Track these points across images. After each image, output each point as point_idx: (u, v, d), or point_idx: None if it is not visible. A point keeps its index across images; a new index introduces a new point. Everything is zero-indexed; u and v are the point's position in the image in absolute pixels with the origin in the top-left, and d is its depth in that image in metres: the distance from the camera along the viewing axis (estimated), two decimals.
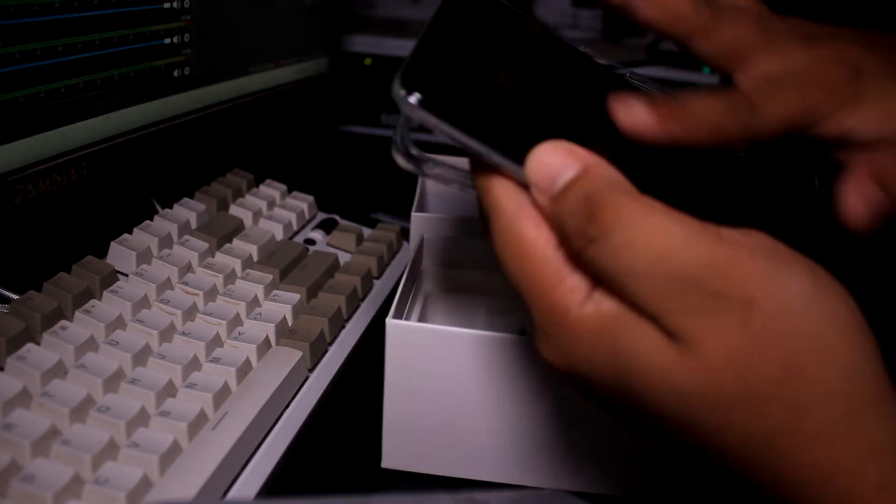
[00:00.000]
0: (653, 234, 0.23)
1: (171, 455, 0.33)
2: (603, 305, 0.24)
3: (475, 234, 0.47)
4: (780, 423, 0.23)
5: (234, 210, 0.54)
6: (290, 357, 0.41)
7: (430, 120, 0.25)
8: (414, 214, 0.48)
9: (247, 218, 0.54)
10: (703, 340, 0.23)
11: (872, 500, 0.22)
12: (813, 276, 0.23)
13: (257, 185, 0.59)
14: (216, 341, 0.40)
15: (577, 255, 0.24)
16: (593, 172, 0.24)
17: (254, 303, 0.45)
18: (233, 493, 0.34)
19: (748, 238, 0.24)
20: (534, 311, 0.26)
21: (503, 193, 0.26)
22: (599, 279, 0.24)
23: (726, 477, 0.25)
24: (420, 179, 0.54)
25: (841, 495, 0.23)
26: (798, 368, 0.23)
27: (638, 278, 0.23)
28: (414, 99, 0.25)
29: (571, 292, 0.25)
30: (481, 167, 0.26)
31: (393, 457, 0.39)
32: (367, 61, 0.89)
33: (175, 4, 0.52)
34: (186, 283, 0.44)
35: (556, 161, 0.25)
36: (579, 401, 0.36)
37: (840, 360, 0.23)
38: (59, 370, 0.35)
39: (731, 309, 0.22)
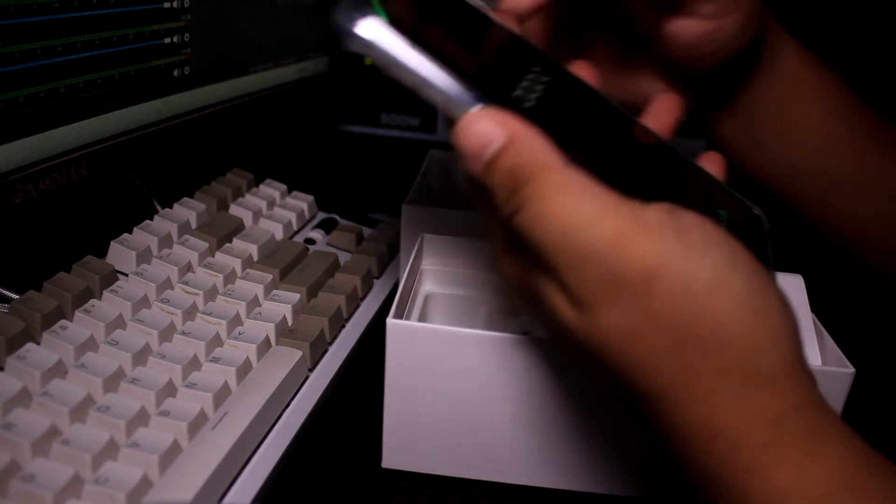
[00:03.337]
0: (563, 208, 0.24)
1: (170, 455, 0.33)
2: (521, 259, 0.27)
3: (473, 230, 0.47)
4: (668, 385, 0.25)
5: (234, 210, 0.54)
6: (290, 357, 0.41)
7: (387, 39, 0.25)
8: (405, 206, 0.48)
9: (247, 218, 0.54)
10: (598, 310, 0.24)
11: (755, 456, 0.24)
12: (730, 258, 0.25)
13: (257, 185, 0.59)
14: (216, 341, 0.40)
15: (506, 220, 0.26)
16: (518, 142, 0.25)
17: (254, 302, 0.45)
18: (232, 494, 0.34)
19: (671, 215, 0.25)
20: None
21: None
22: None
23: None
24: (422, 171, 0.54)
25: (727, 450, 0.24)
26: (692, 343, 0.24)
27: (546, 248, 0.25)
28: (370, 18, 0.25)
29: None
30: None
31: (393, 457, 0.39)
32: (367, 61, 0.89)
33: (175, 4, 0.52)
34: (186, 283, 0.44)
35: (484, 131, 0.25)
36: (579, 401, 0.37)
37: (738, 342, 0.24)
38: (59, 370, 0.35)
39: (630, 284, 0.24)
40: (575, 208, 0.24)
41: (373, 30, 0.25)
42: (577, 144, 0.27)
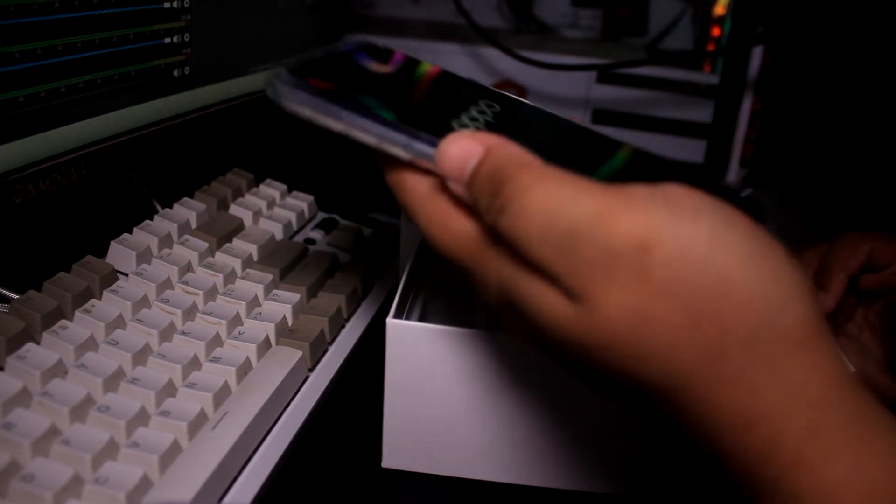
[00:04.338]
0: (543, 195, 0.23)
1: (171, 455, 0.33)
2: (505, 270, 0.25)
3: None
4: (692, 370, 0.22)
5: (234, 210, 0.54)
6: (290, 357, 0.41)
7: (328, 105, 0.26)
8: None
9: (247, 217, 0.54)
10: (596, 297, 0.23)
11: (801, 448, 0.22)
12: (723, 218, 0.23)
13: (257, 185, 0.59)
14: (216, 341, 0.40)
15: (492, 231, 0.25)
16: (494, 151, 0.25)
17: (254, 302, 0.45)
18: (232, 494, 0.34)
19: (654, 188, 0.23)
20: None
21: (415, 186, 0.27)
22: (511, 249, 0.25)
23: (660, 425, 0.25)
24: None
25: (768, 442, 0.22)
26: (706, 315, 0.22)
27: (532, 241, 0.23)
28: (308, 85, 0.26)
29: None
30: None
31: (393, 457, 0.39)
32: None
33: (175, 4, 0.52)
34: (186, 283, 0.44)
35: (462, 149, 0.25)
36: (579, 400, 0.37)
37: (754, 305, 0.22)
38: (58, 370, 0.35)
39: (625, 259, 0.22)
40: (554, 192, 0.23)
41: (301, 98, 0.27)
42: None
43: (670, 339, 0.22)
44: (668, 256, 0.22)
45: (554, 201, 0.23)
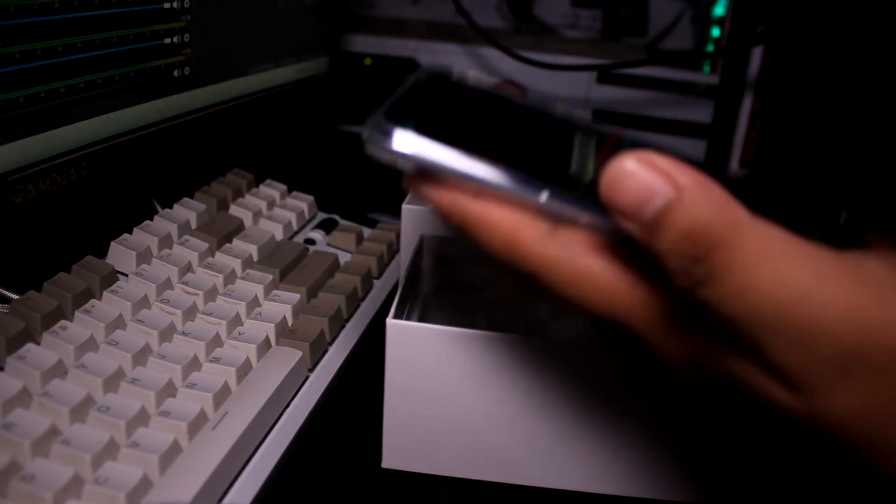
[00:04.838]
0: (775, 278, 0.20)
1: (171, 455, 0.33)
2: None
3: None
4: None
5: (234, 210, 0.54)
6: (290, 357, 0.41)
7: (426, 147, 0.23)
8: (405, 207, 0.48)
9: (247, 218, 0.54)
10: (826, 394, 0.20)
11: None
12: None
13: (257, 185, 0.59)
14: (216, 341, 0.40)
15: (685, 291, 0.21)
16: (693, 197, 0.20)
17: (254, 303, 0.45)
18: (232, 494, 0.34)
19: (893, 270, 0.20)
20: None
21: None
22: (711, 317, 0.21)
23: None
24: None
25: None
26: None
27: (753, 327, 0.20)
28: (406, 129, 0.23)
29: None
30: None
31: (393, 457, 0.39)
32: (367, 61, 0.89)
33: (175, 4, 0.52)
34: (186, 283, 0.44)
35: (645, 181, 0.21)
36: (579, 401, 0.37)
37: None
38: (59, 370, 0.35)
39: (872, 363, 0.20)
40: (789, 276, 0.20)
41: (410, 142, 0.23)
42: None
43: None
44: None
45: (791, 289, 0.20)
